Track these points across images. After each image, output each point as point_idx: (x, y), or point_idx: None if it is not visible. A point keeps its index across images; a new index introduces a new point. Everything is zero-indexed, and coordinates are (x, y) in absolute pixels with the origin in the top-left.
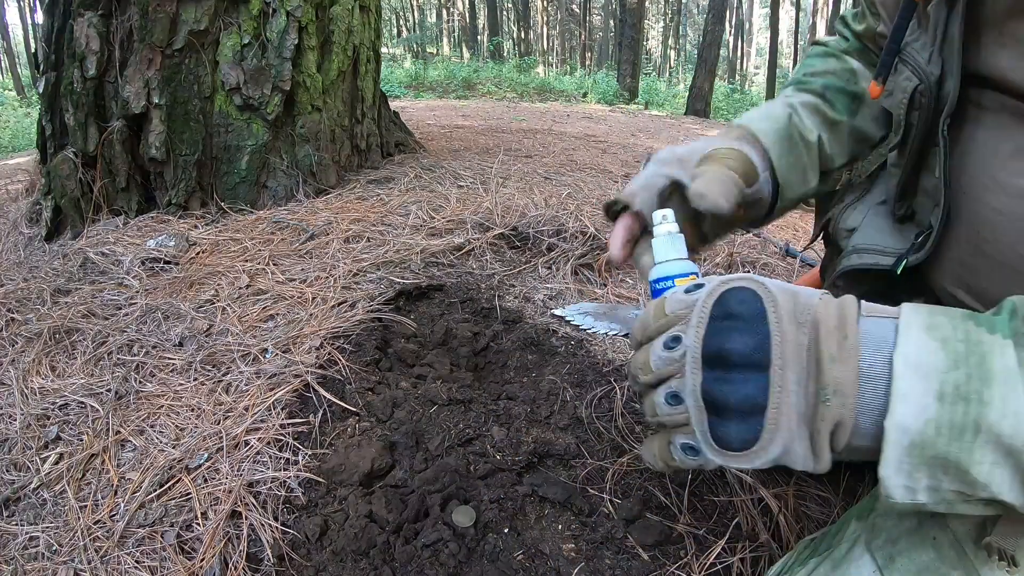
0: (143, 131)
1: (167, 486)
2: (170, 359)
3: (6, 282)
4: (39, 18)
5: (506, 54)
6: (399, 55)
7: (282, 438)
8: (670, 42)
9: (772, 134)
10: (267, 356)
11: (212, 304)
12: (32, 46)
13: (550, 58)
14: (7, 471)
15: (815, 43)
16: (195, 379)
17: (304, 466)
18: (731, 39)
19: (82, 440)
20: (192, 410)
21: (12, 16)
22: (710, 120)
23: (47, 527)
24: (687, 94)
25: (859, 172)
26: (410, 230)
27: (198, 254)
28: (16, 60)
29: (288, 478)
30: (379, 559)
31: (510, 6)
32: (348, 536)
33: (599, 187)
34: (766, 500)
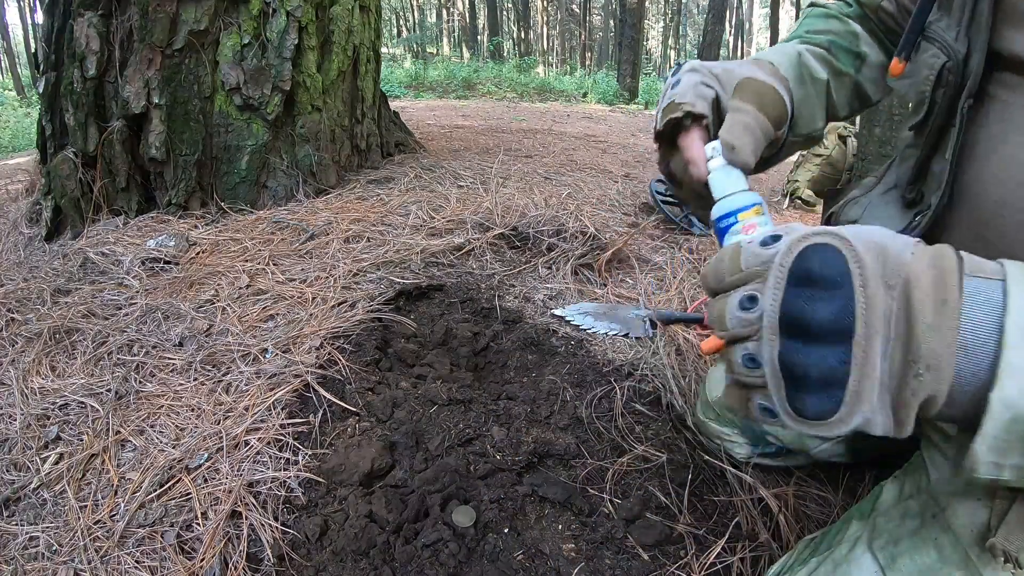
0: (143, 131)
1: (167, 486)
2: (170, 359)
3: (6, 282)
4: (39, 18)
5: (506, 54)
6: (399, 55)
7: (282, 438)
8: (670, 42)
9: (787, 67)
10: (267, 356)
11: (212, 304)
12: (32, 46)
13: (550, 58)
14: (7, 471)
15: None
16: (195, 379)
17: (304, 466)
18: (731, 39)
19: (82, 440)
20: (192, 410)
21: (12, 16)
22: None
23: (47, 527)
24: None
25: (860, 171)
26: (410, 230)
27: (198, 254)
28: (16, 60)
29: (288, 478)
30: (379, 559)
31: (510, 6)
32: (348, 536)
33: (599, 187)
34: (766, 500)
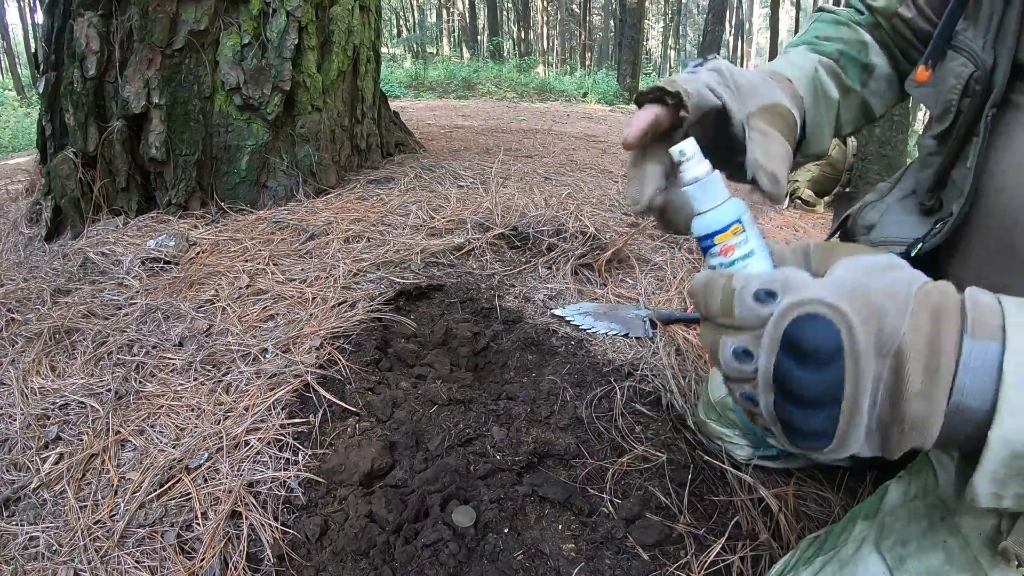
0: (143, 131)
1: (167, 486)
2: (170, 359)
3: (6, 282)
4: (39, 18)
5: (506, 54)
6: (399, 55)
7: (282, 438)
8: (670, 42)
9: (805, 85)
10: (267, 356)
11: (212, 304)
12: (32, 46)
13: (550, 58)
14: (7, 471)
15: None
16: (195, 379)
17: (304, 466)
18: (731, 39)
19: (82, 440)
20: (192, 410)
21: (12, 16)
22: None
23: (47, 527)
24: None
25: (860, 171)
26: (410, 230)
27: (198, 254)
28: (16, 60)
29: (288, 478)
30: (379, 559)
31: (510, 6)
32: (348, 536)
33: (599, 187)
34: (766, 500)
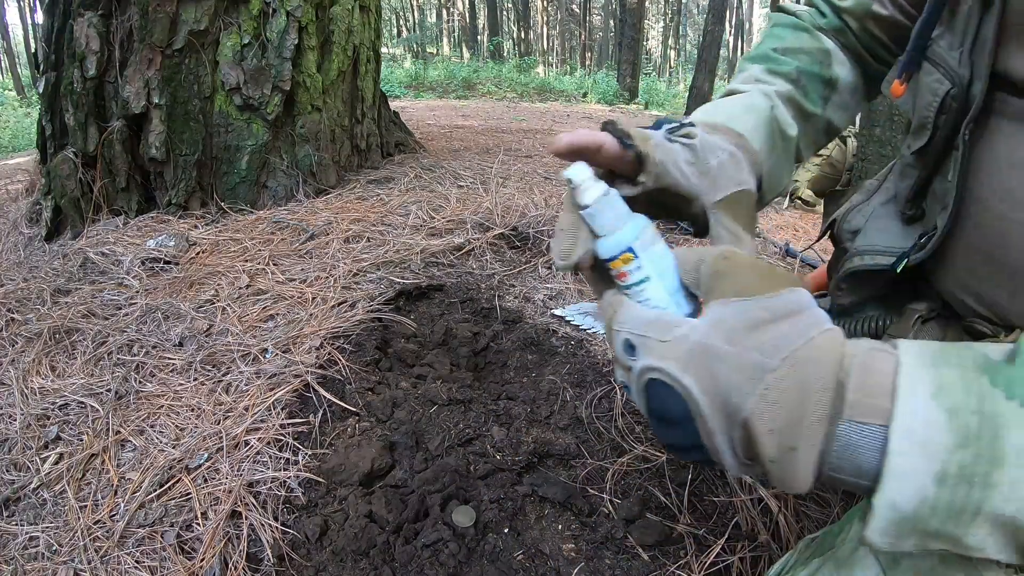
0: (143, 131)
1: (167, 486)
2: (170, 359)
3: (6, 282)
4: (39, 18)
5: (506, 54)
6: (399, 55)
7: (282, 438)
8: (670, 42)
9: (759, 136)
10: (267, 356)
11: (212, 304)
12: (32, 46)
13: (550, 58)
14: (7, 471)
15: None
16: (195, 379)
17: (304, 466)
18: (731, 39)
19: (82, 440)
20: (192, 410)
21: (12, 16)
22: None
23: (47, 527)
24: (687, 94)
25: (860, 171)
26: (410, 230)
27: (198, 254)
28: (16, 60)
29: (288, 478)
30: (379, 559)
31: (510, 6)
32: (348, 536)
33: None
34: (766, 500)
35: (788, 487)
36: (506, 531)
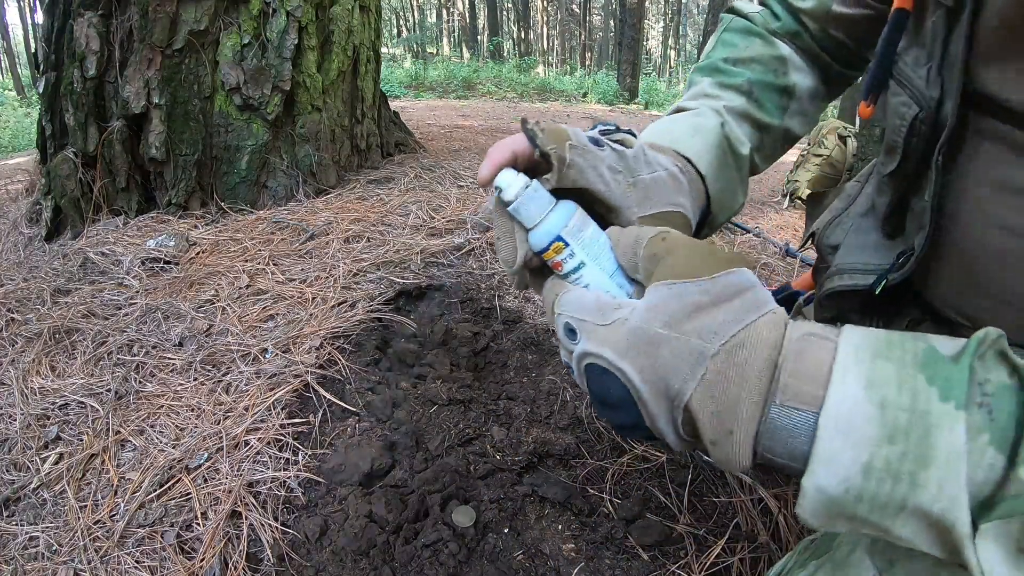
0: (143, 131)
1: (167, 486)
2: (170, 359)
3: (6, 282)
4: (39, 18)
5: (506, 54)
6: (399, 55)
7: (282, 438)
8: (670, 42)
9: (707, 158)
10: (267, 356)
11: (212, 304)
12: (32, 46)
13: (550, 58)
14: (7, 471)
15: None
16: (195, 379)
17: (304, 466)
18: None
19: (82, 440)
20: (192, 410)
21: (12, 16)
22: None
23: (47, 527)
24: None
25: (860, 171)
26: (410, 230)
27: (198, 254)
28: (16, 60)
29: (288, 478)
30: (379, 559)
31: (510, 6)
32: (348, 536)
33: None
34: (766, 500)
35: (728, 467)
36: (506, 531)
